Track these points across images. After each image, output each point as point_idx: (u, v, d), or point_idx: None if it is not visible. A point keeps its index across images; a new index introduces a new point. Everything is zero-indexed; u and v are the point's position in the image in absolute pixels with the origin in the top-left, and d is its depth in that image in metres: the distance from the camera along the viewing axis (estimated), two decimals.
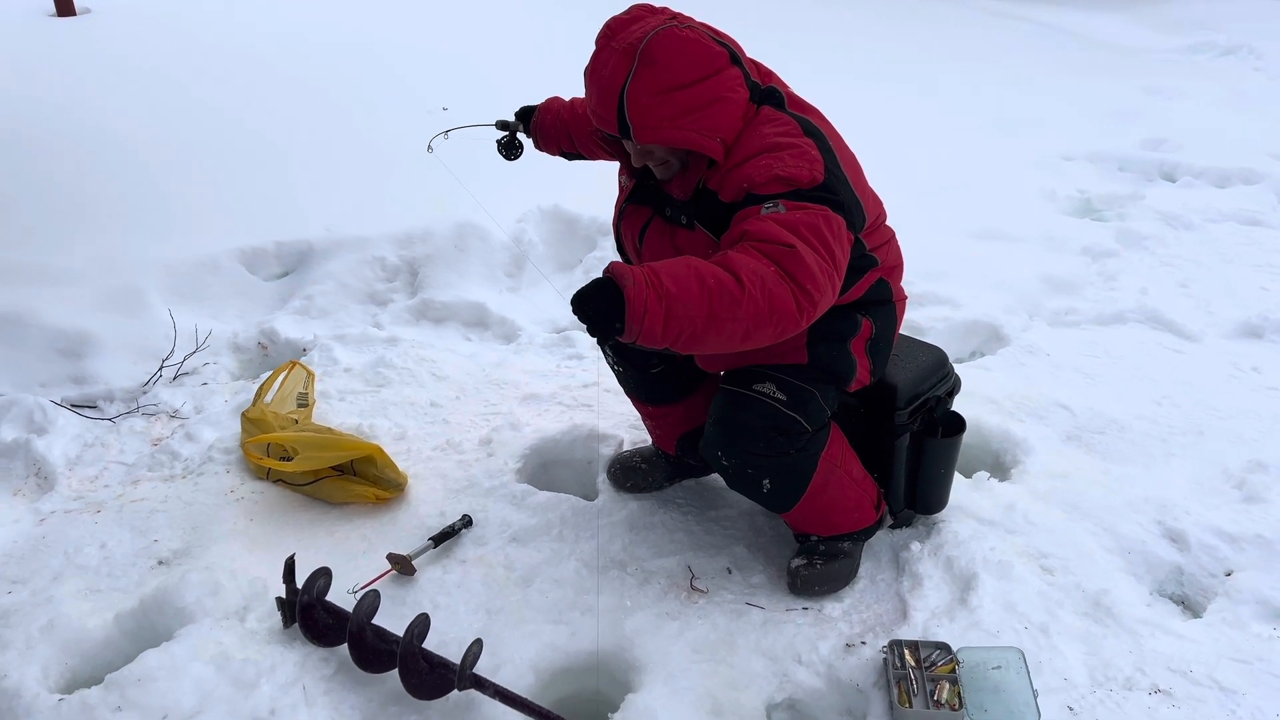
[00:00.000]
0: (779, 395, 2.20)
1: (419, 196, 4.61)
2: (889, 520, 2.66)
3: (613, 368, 2.68)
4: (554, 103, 2.74)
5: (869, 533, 2.56)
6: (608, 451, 3.01)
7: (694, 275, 1.75)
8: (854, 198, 2.06)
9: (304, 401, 3.22)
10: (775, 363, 2.23)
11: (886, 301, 2.34)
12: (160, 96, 5.71)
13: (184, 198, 4.59)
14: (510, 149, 2.78)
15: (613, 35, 1.98)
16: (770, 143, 2.00)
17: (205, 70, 6.20)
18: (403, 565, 2.48)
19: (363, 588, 2.39)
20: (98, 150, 4.97)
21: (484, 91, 5.82)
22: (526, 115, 2.77)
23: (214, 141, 5.17)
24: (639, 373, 2.61)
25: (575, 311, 1.75)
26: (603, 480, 2.90)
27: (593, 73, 2.00)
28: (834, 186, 1.97)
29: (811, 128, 2.08)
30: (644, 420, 2.84)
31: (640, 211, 2.30)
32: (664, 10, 2.04)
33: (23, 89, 5.70)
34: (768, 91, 2.12)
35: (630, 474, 2.83)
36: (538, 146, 2.79)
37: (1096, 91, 7.42)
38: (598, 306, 1.72)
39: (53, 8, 7.37)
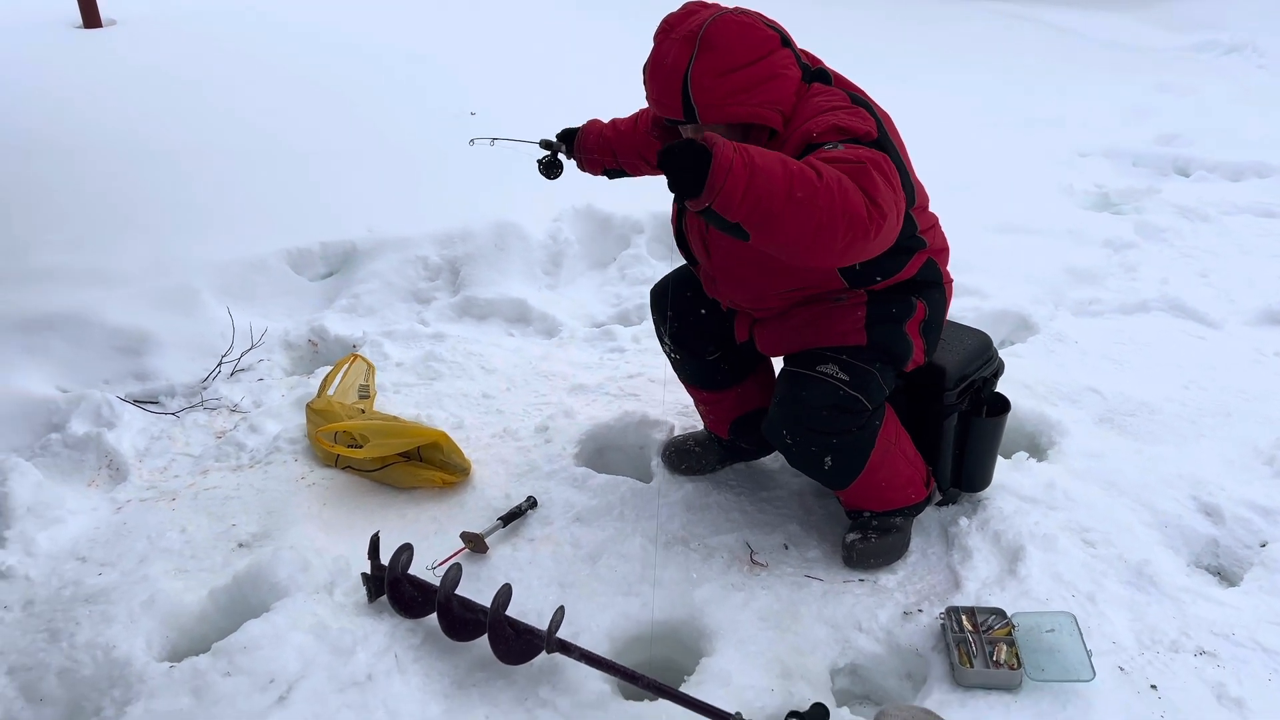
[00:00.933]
0: (842, 376, 2.32)
1: (457, 197, 4.74)
2: (938, 496, 2.77)
3: (670, 355, 2.79)
4: (594, 124, 2.81)
5: (919, 508, 2.67)
6: (659, 436, 3.12)
7: (778, 159, 1.78)
8: (904, 165, 2.18)
9: (365, 393, 3.34)
10: (837, 345, 2.36)
11: (936, 284, 2.46)
12: (194, 105, 5.84)
13: (227, 202, 4.72)
14: (551, 168, 2.84)
15: (671, 29, 2.10)
16: (826, 106, 2.12)
17: (237, 79, 6.34)
18: (476, 543, 2.59)
19: (441, 564, 2.50)
20: (138, 158, 5.11)
21: (514, 95, 5.97)
22: (569, 136, 2.84)
23: (252, 147, 5.30)
24: (696, 359, 2.72)
25: (662, 165, 1.75)
26: (657, 464, 3.01)
27: (654, 64, 2.11)
28: (886, 145, 2.07)
29: (861, 100, 2.22)
30: (697, 406, 2.95)
31: None
32: (714, 5, 2.17)
33: (59, 99, 5.84)
34: (818, 72, 2.25)
35: (685, 457, 2.95)
36: (580, 167, 2.84)
37: (1108, 89, 7.55)
38: (684, 162, 1.72)
39: (79, 19, 7.51)
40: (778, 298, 2.43)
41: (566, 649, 2.15)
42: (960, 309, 3.97)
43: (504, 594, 2.21)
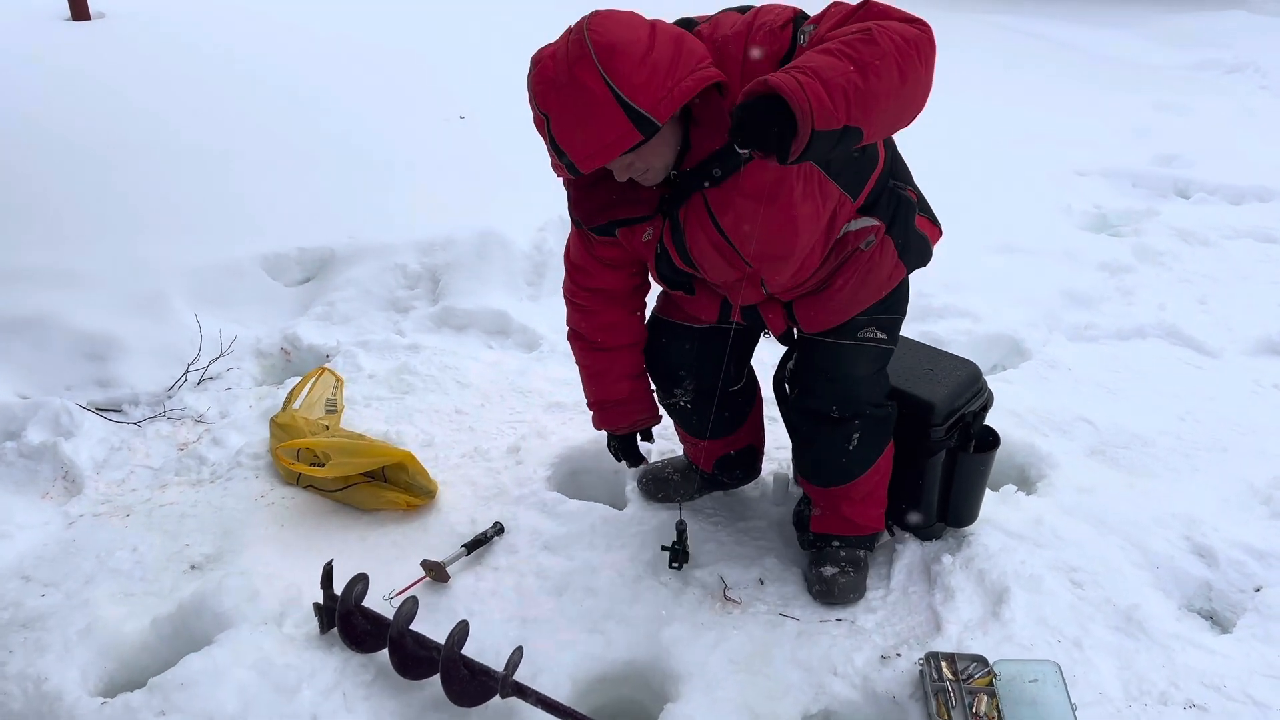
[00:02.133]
0: (881, 335, 2.29)
1: (440, 204, 4.63)
2: (885, 537, 2.69)
3: (682, 408, 2.57)
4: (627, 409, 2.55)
5: (879, 539, 2.62)
6: None
7: (820, 52, 1.60)
8: None
9: (333, 408, 3.23)
10: (871, 302, 2.24)
11: (890, 152, 2.24)
12: (180, 101, 5.74)
13: (206, 203, 4.61)
14: (677, 554, 2.52)
15: (555, 75, 1.75)
16: (733, 20, 1.89)
17: (221, 77, 6.23)
18: (437, 572, 2.48)
19: (398, 594, 2.39)
20: (121, 154, 5.00)
21: (504, 99, 5.85)
22: (631, 450, 2.64)
23: (235, 147, 5.19)
24: (703, 413, 2.52)
25: (746, 136, 1.57)
26: (631, 489, 2.90)
27: (572, 110, 1.75)
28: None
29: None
30: (685, 446, 2.83)
31: (691, 215, 2.05)
32: (562, 37, 1.82)
33: (44, 92, 5.73)
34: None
35: (663, 485, 2.84)
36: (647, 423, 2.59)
37: (1108, 107, 7.45)
38: (761, 116, 1.53)
39: (68, 12, 7.40)
40: (819, 260, 2.16)
41: (523, 693, 2.04)
42: (952, 331, 3.87)
43: (459, 631, 2.10)
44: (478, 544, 2.62)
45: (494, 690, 2.04)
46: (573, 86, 1.72)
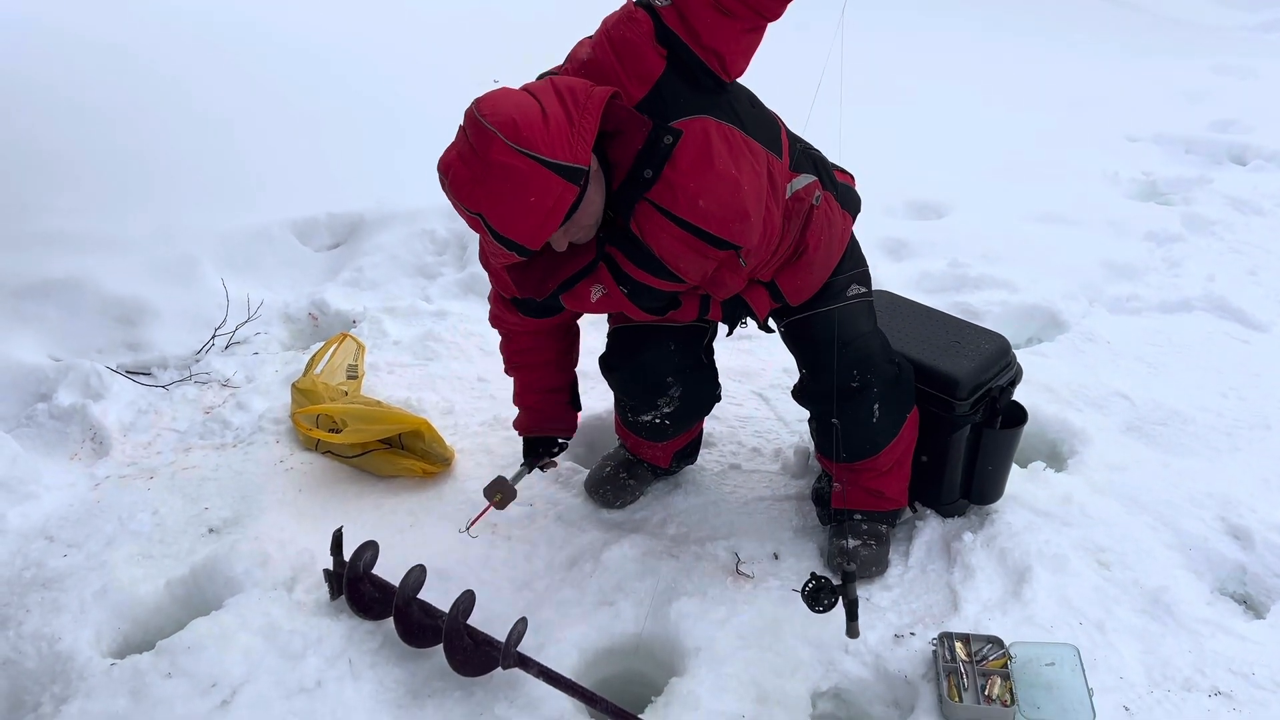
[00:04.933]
0: (863, 289, 2.32)
1: None
2: (907, 513, 2.63)
3: (656, 424, 2.51)
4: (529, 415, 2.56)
5: (901, 515, 2.57)
6: None
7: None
8: None
9: (354, 374, 3.23)
10: (839, 257, 2.27)
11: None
12: (210, 66, 5.73)
13: (237, 168, 4.62)
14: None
15: (474, 173, 1.71)
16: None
17: (254, 40, 6.21)
18: (504, 493, 2.39)
19: (471, 524, 2.40)
20: (151, 120, 5.00)
21: (537, 60, 5.79)
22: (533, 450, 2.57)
23: (266, 112, 5.19)
24: (679, 423, 2.54)
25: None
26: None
27: (501, 203, 1.72)
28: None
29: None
30: (637, 447, 2.72)
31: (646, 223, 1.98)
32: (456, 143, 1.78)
33: (76, 60, 5.75)
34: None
35: (621, 491, 2.70)
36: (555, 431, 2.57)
37: (1163, 70, 7.20)
38: None
39: None
40: (779, 222, 2.11)
41: (525, 664, 2.03)
42: (986, 302, 3.77)
43: (464, 600, 2.09)
44: (536, 459, 2.53)
45: (497, 661, 2.03)
46: (495, 173, 1.69)
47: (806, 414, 3.03)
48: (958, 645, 2.16)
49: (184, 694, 1.98)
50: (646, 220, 1.93)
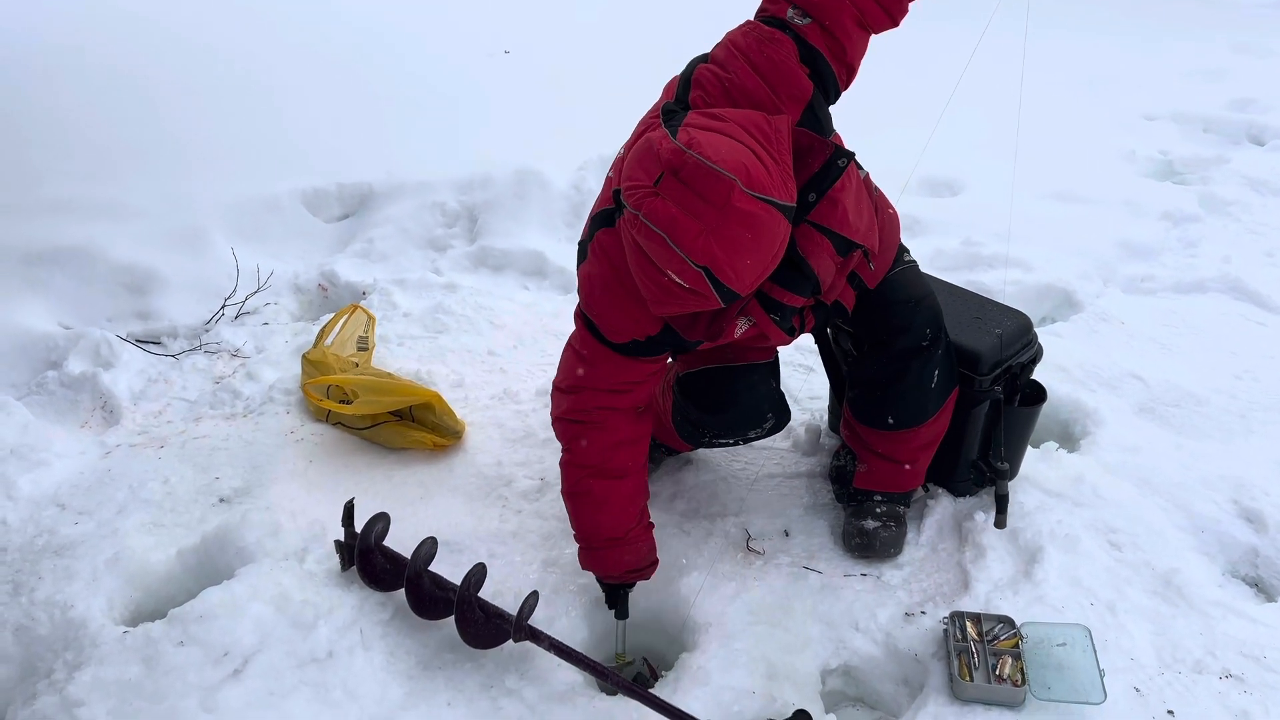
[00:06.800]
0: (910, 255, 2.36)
1: (480, 141, 4.57)
2: (919, 493, 2.62)
3: (724, 444, 2.44)
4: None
5: (913, 496, 2.55)
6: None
7: None
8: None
9: (364, 345, 3.22)
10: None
11: None
12: (221, 35, 5.70)
13: (247, 137, 4.60)
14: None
15: (705, 225, 1.59)
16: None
17: (265, 8, 6.17)
18: (632, 663, 2.24)
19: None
20: (163, 88, 4.99)
21: (548, 32, 5.75)
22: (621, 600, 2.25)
23: (276, 81, 5.16)
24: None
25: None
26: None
27: (736, 252, 1.62)
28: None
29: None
30: (668, 439, 2.62)
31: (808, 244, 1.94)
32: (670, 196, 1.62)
33: (87, 25, 5.72)
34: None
35: None
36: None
37: (1181, 48, 7.10)
38: None
39: None
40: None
41: (536, 637, 2.03)
42: (1000, 282, 3.74)
43: (476, 573, 2.09)
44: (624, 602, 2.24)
45: (508, 633, 2.03)
46: (734, 220, 1.59)
47: (815, 392, 3.05)
48: (969, 624, 2.15)
49: (196, 662, 1.99)
50: (807, 240, 1.89)
